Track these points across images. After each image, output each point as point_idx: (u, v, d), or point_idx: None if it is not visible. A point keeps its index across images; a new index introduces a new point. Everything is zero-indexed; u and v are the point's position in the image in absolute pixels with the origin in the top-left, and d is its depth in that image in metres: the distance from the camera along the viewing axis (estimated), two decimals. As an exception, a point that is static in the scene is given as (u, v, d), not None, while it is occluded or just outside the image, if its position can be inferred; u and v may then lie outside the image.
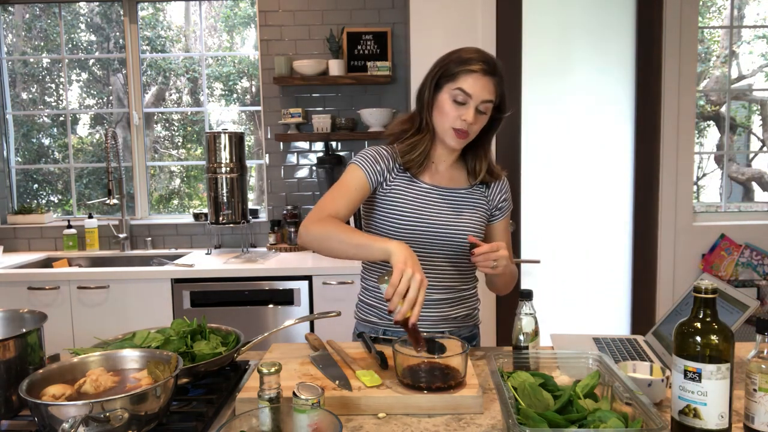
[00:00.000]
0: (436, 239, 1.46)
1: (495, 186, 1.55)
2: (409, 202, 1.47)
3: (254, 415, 0.94)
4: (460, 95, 1.37)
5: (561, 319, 2.73)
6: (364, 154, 1.48)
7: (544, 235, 2.79)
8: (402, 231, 1.46)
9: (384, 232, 1.48)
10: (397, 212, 1.47)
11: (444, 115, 1.40)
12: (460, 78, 1.37)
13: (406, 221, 1.46)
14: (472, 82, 1.36)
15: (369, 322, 1.57)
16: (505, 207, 1.57)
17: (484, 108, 1.39)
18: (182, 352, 1.24)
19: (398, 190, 1.48)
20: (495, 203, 1.55)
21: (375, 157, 1.48)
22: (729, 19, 3.06)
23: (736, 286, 2.81)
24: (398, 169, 1.49)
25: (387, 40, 3.13)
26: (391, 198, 1.48)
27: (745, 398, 1.01)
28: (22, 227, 3.30)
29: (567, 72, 2.74)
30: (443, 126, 1.42)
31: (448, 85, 1.39)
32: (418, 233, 1.46)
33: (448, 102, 1.39)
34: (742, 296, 1.29)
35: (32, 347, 1.16)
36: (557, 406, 0.99)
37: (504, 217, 1.58)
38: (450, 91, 1.38)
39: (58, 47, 3.44)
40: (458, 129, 1.39)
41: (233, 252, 3.15)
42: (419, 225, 1.46)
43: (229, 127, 3.52)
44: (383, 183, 1.48)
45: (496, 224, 1.57)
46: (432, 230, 1.46)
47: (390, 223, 1.47)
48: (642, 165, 2.77)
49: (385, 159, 1.48)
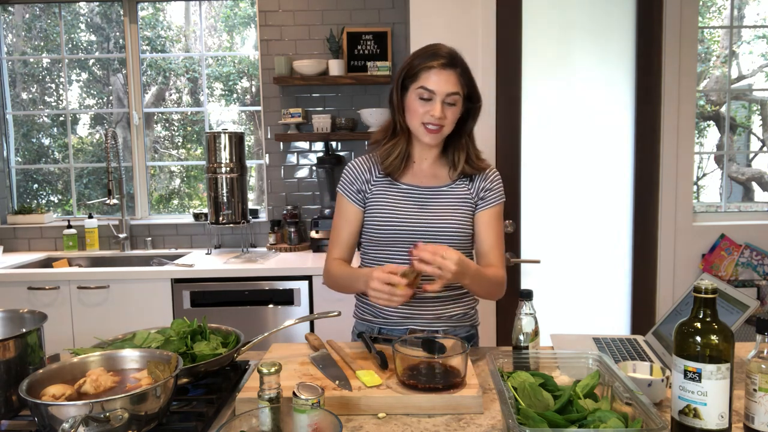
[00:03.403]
0: (421, 239, 1.46)
1: (478, 177, 1.54)
2: (389, 205, 1.50)
3: (254, 415, 0.94)
4: (425, 93, 1.41)
5: (561, 319, 2.73)
6: (343, 178, 1.56)
7: (544, 235, 2.79)
8: (386, 234, 1.49)
9: (373, 237, 1.52)
10: (379, 217, 1.50)
11: (413, 113, 1.44)
12: (421, 76, 1.41)
13: (389, 224, 1.48)
14: (435, 78, 1.40)
15: (365, 320, 1.58)
16: (489, 197, 1.52)
17: (451, 100, 1.42)
18: (182, 352, 1.24)
19: (379, 195, 1.52)
20: (478, 192, 1.52)
21: (350, 179, 1.55)
22: (729, 19, 3.06)
23: (736, 286, 2.81)
24: (378, 175, 1.53)
25: (387, 40, 3.13)
26: (374, 204, 1.51)
27: (745, 398, 1.01)
28: (22, 227, 3.30)
29: (567, 72, 2.73)
30: (414, 124, 1.46)
31: (413, 85, 1.43)
32: (401, 235, 1.48)
33: (414, 101, 1.43)
34: (742, 296, 1.29)
35: (32, 347, 1.16)
36: (557, 406, 0.99)
37: (488, 207, 1.51)
38: (414, 90, 1.43)
39: (58, 47, 3.44)
40: (428, 124, 1.43)
41: (233, 252, 3.15)
42: (402, 226, 1.48)
43: (229, 127, 3.52)
44: (366, 196, 1.53)
45: (480, 214, 1.52)
46: (415, 230, 1.47)
47: (375, 229, 1.50)
48: (642, 165, 2.77)
49: (361, 174, 1.54)
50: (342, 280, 1.51)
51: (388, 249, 1.50)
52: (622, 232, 2.81)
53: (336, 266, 1.53)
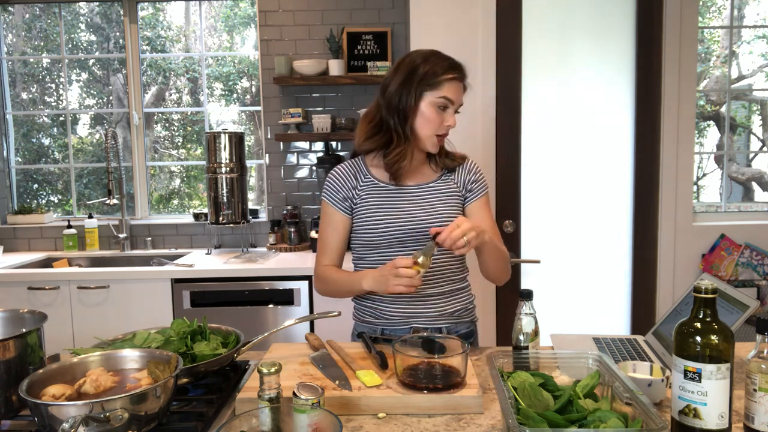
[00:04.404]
0: (414, 237, 1.48)
1: (460, 169, 1.58)
2: (381, 208, 1.50)
3: (254, 415, 0.94)
4: (447, 103, 1.45)
5: (561, 319, 2.73)
6: (327, 186, 1.56)
7: (544, 235, 2.79)
8: (380, 236, 1.49)
9: (366, 241, 1.52)
10: (371, 220, 1.50)
11: (429, 122, 1.45)
12: (444, 86, 1.43)
13: (383, 227, 1.49)
14: (455, 89, 1.45)
15: (366, 322, 1.58)
16: (476, 188, 1.56)
17: (458, 109, 1.49)
18: (182, 352, 1.24)
19: (369, 200, 1.52)
20: (464, 184, 1.56)
21: (335, 188, 1.54)
22: (729, 19, 3.06)
23: (736, 286, 2.81)
24: (364, 181, 1.54)
25: (387, 40, 3.13)
26: (365, 209, 1.52)
27: (745, 398, 1.01)
28: (22, 227, 3.30)
29: (567, 72, 2.73)
30: (427, 133, 1.47)
31: (431, 94, 1.44)
32: (395, 235, 1.48)
33: (431, 109, 1.44)
34: (742, 296, 1.29)
35: (32, 347, 1.16)
36: (557, 406, 0.99)
37: (478, 198, 1.56)
38: (434, 98, 1.44)
39: (58, 47, 3.44)
40: (441, 135, 1.48)
41: (233, 252, 3.15)
42: (394, 227, 1.48)
43: (229, 127, 3.52)
44: (353, 202, 1.54)
45: (471, 205, 1.56)
46: (408, 229, 1.48)
47: (369, 232, 1.50)
48: (642, 165, 2.77)
49: (346, 182, 1.54)
50: (339, 284, 1.53)
51: (384, 251, 1.50)
52: (622, 232, 2.81)
53: (330, 271, 1.55)
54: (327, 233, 1.57)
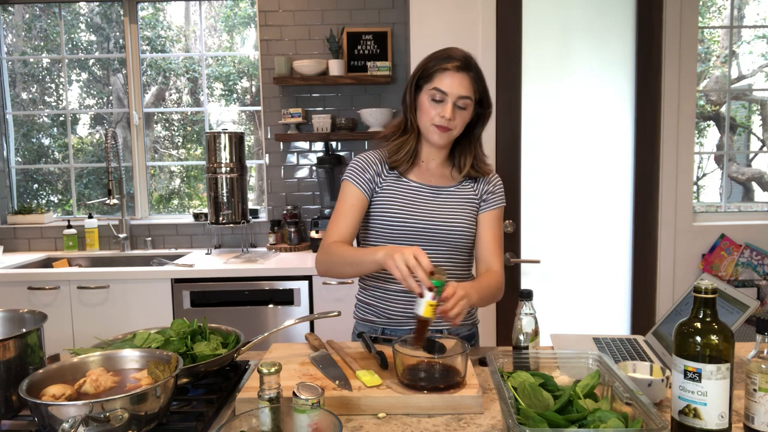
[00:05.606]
0: (427, 236, 1.48)
1: (482, 180, 1.58)
2: (398, 200, 1.51)
3: (254, 415, 0.93)
4: (437, 94, 1.44)
5: (561, 319, 2.73)
6: (352, 166, 1.55)
7: (544, 235, 2.79)
8: (393, 229, 1.49)
9: (380, 232, 1.51)
10: (387, 211, 1.50)
11: (424, 113, 1.47)
12: (435, 77, 1.44)
13: (396, 219, 1.49)
14: (448, 81, 1.43)
15: (368, 321, 1.58)
16: (491, 200, 1.56)
17: (463, 104, 1.45)
18: (182, 352, 1.24)
19: (388, 190, 1.52)
20: (481, 194, 1.57)
21: (363, 167, 1.54)
22: (729, 19, 3.06)
23: (736, 286, 2.81)
24: (387, 171, 1.54)
25: (387, 40, 3.13)
26: (382, 199, 1.52)
27: (745, 398, 1.01)
28: (22, 227, 3.30)
29: (567, 72, 2.73)
30: (425, 124, 1.48)
31: (426, 85, 1.46)
32: (409, 230, 1.48)
33: (427, 101, 1.46)
34: (742, 296, 1.29)
35: (32, 347, 1.16)
36: (557, 406, 0.99)
37: (490, 209, 1.56)
38: (428, 91, 1.45)
39: (58, 47, 3.44)
40: (439, 125, 1.45)
41: (233, 252, 3.15)
42: (410, 222, 1.48)
43: (229, 127, 3.52)
44: (376, 188, 1.53)
45: (483, 215, 1.56)
46: (423, 227, 1.48)
47: (385, 223, 1.50)
48: (642, 165, 2.77)
49: (373, 165, 1.54)
50: (347, 257, 1.41)
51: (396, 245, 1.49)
52: (622, 232, 2.81)
53: (339, 246, 1.45)
54: (343, 210, 1.51)
